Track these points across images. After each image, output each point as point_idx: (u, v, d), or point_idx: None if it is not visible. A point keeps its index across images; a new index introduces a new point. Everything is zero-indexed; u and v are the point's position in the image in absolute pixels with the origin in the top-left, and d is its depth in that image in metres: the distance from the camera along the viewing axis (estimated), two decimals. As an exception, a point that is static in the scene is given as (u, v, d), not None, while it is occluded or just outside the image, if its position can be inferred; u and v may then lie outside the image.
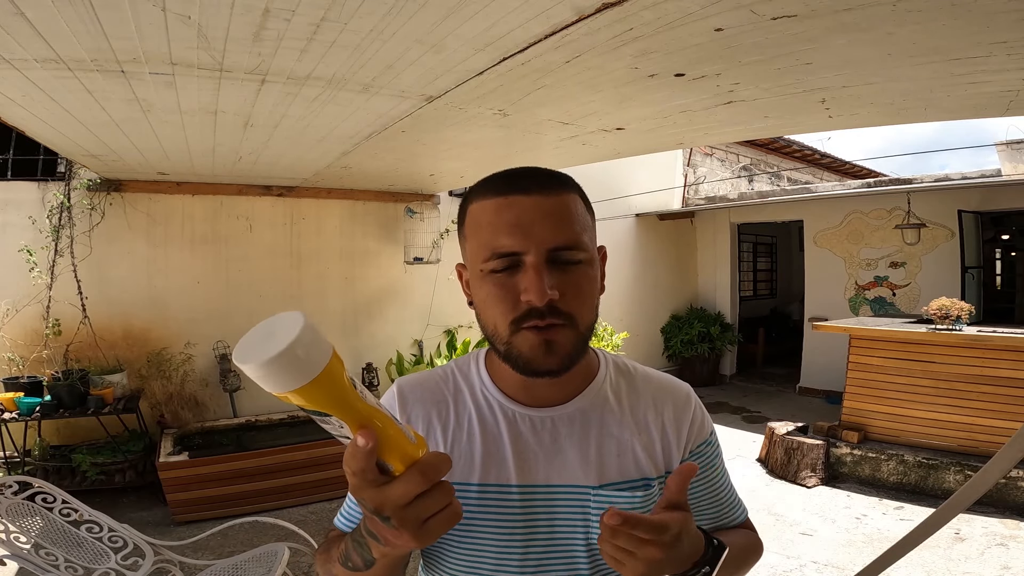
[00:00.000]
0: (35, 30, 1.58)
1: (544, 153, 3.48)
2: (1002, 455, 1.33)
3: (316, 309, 5.05)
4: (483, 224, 0.68)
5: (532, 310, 0.65)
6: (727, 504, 0.84)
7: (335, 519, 0.83)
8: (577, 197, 0.71)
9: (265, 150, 3.30)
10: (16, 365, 3.86)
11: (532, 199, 0.67)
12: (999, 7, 1.46)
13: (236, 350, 0.42)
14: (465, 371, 0.80)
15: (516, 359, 0.68)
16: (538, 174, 0.70)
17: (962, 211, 5.73)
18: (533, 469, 0.72)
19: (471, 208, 0.71)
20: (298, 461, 3.82)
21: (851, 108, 2.50)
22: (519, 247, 0.65)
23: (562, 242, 0.66)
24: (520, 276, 0.66)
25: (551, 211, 0.67)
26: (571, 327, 0.67)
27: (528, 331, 0.66)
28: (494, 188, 0.69)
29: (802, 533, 3.44)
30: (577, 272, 0.68)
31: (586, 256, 0.69)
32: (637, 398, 0.79)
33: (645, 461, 0.75)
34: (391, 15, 1.55)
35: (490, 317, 0.69)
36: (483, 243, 0.68)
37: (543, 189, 0.68)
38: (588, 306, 0.69)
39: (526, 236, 0.65)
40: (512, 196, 0.67)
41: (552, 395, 0.75)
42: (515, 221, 0.66)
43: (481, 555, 0.72)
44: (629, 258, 7.33)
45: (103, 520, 2.23)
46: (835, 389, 5.83)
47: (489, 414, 0.76)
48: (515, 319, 0.66)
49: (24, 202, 4.00)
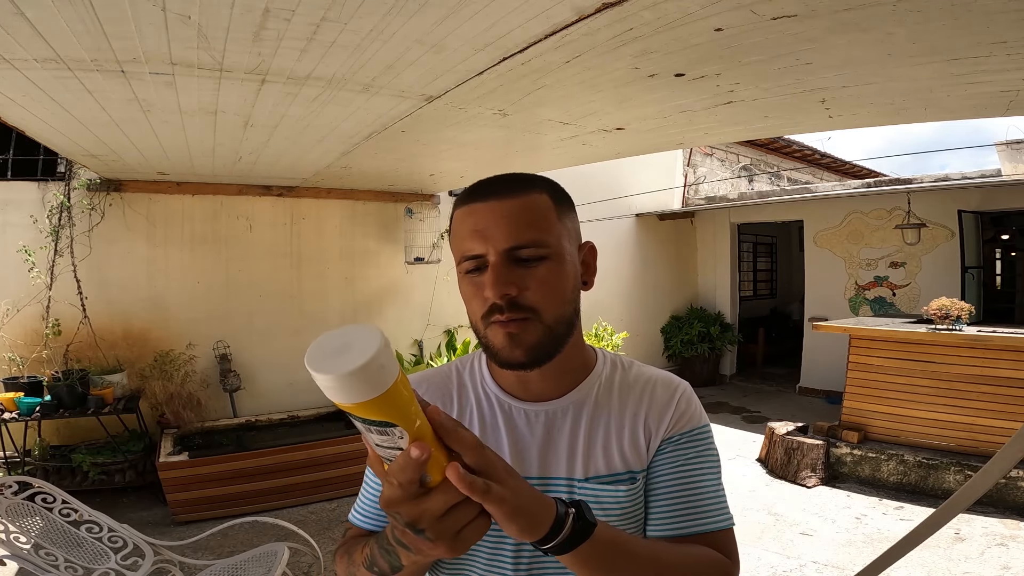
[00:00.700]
0: (35, 30, 1.58)
1: (544, 153, 3.48)
2: (1002, 455, 1.33)
3: (316, 309, 5.05)
4: (455, 231, 0.76)
5: (494, 306, 0.70)
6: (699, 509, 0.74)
7: (350, 515, 0.84)
8: (544, 196, 0.74)
9: (265, 150, 3.30)
10: (16, 365, 3.86)
11: (489, 204, 0.72)
12: (999, 7, 1.47)
13: (309, 358, 0.43)
14: (467, 368, 0.85)
15: (490, 351, 0.74)
16: (502, 180, 0.75)
17: (962, 211, 5.73)
18: (527, 461, 0.76)
19: (453, 217, 0.78)
20: (298, 461, 3.81)
21: (851, 108, 2.50)
22: (480, 249, 0.71)
23: (518, 241, 0.70)
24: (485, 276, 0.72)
25: (507, 214, 0.71)
26: (535, 320, 0.71)
27: (495, 325, 0.71)
28: (463, 197, 0.76)
29: (802, 533, 3.44)
30: (540, 268, 0.71)
31: (549, 252, 0.72)
32: (627, 393, 0.80)
33: (631, 454, 0.76)
34: (391, 15, 1.55)
35: (469, 314, 0.76)
36: (457, 247, 0.75)
37: (501, 194, 0.73)
38: (555, 300, 0.72)
39: (484, 239, 0.71)
40: (473, 204, 0.73)
41: (547, 390, 0.78)
42: (476, 225, 0.72)
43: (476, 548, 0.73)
44: (629, 258, 7.33)
45: (103, 520, 2.23)
46: (835, 389, 5.83)
47: (488, 408, 0.80)
48: (483, 315, 0.72)
49: (24, 202, 4.00)
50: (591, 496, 0.73)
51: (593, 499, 0.73)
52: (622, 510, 0.74)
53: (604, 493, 0.74)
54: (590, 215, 6.16)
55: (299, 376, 4.91)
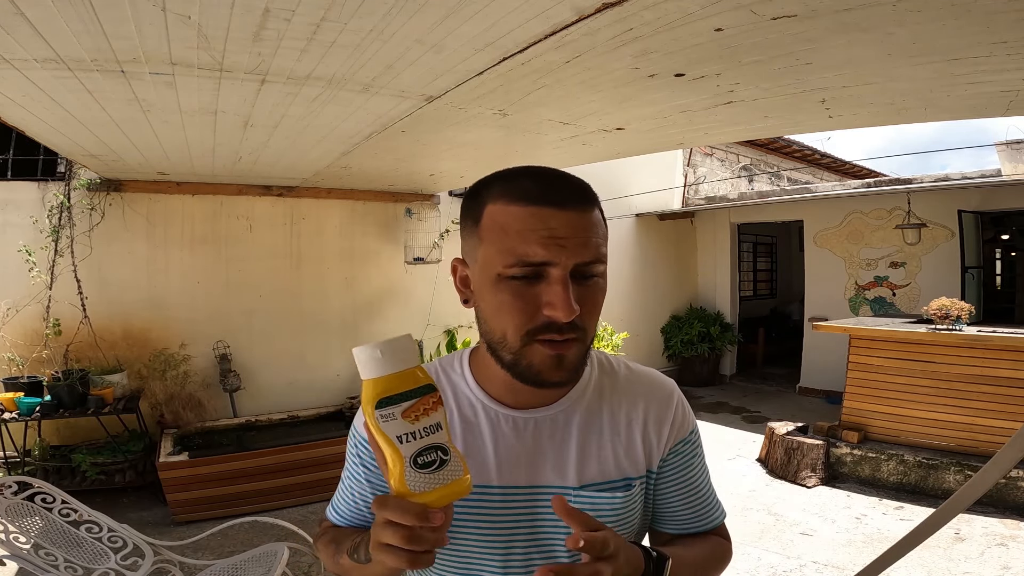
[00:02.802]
0: (35, 30, 1.58)
1: (544, 153, 3.48)
2: (1002, 455, 1.33)
3: (316, 309, 5.05)
4: (510, 230, 0.66)
5: (552, 324, 0.65)
6: (703, 506, 0.82)
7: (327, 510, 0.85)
8: (599, 211, 0.71)
9: (265, 150, 3.30)
10: (16, 365, 3.86)
11: (567, 214, 0.65)
12: (999, 7, 1.46)
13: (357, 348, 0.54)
14: (449, 371, 0.80)
15: (524, 370, 0.67)
16: (571, 186, 0.69)
17: (962, 211, 5.73)
18: (515, 471, 0.73)
19: (491, 209, 0.68)
20: (298, 461, 3.81)
21: (851, 108, 2.50)
22: (551, 258, 0.64)
23: (589, 258, 0.66)
24: (542, 287, 0.65)
25: (583, 227, 0.66)
26: (582, 341, 0.68)
27: (542, 344, 0.65)
28: (524, 194, 0.66)
29: (802, 533, 3.44)
30: (594, 286, 0.68)
31: (604, 269, 0.70)
32: (620, 398, 0.79)
33: (626, 461, 0.75)
34: (391, 15, 1.55)
35: (500, 324, 0.67)
36: (507, 248, 0.65)
37: (578, 204, 0.67)
38: (597, 319, 0.70)
39: (560, 249, 0.64)
40: (547, 208, 0.65)
41: (537, 398, 0.75)
42: (550, 233, 0.64)
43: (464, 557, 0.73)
44: (629, 258, 7.33)
45: (103, 520, 2.23)
46: (835, 389, 5.83)
47: (472, 415, 0.76)
48: (531, 330, 0.65)
49: (24, 202, 4.00)
50: (587, 504, 0.72)
51: (589, 507, 0.72)
52: (617, 516, 0.74)
53: (601, 500, 0.72)
54: (590, 215, 6.16)
55: (299, 376, 4.91)
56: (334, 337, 5.13)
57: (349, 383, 5.13)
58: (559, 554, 0.72)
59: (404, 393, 0.53)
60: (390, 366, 0.53)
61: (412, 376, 0.54)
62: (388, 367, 0.53)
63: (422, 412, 0.53)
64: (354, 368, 3.02)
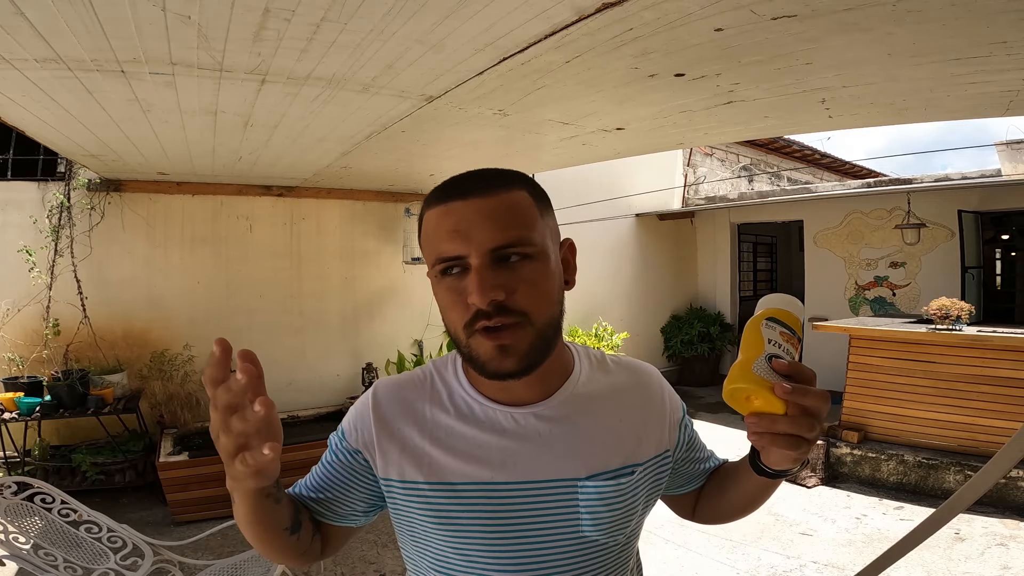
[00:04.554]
0: (35, 30, 1.58)
1: (544, 153, 3.48)
2: (1002, 455, 1.33)
3: (316, 309, 5.05)
4: (429, 232, 0.70)
5: (479, 311, 0.66)
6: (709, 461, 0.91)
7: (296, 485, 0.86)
8: (523, 193, 0.71)
9: (265, 150, 3.30)
10: (16, 365, 3.86)
11: (469, 202, 0.68)
12: (999, 7, 1.47)
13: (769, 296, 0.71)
14: (443, 372, 0.80)
15: (475, 362, 0.69)
16: (479, 176, 0.71)
17: (962, 211, 5.72)
18: (515, 466, 0.72)
19: (424, 218, 0.73)
20: (298, 461, 3.78)
21: (851, 108, 2.50)
22: (461, 251, 0.67)
23: (504, 240, 0.67)
24: (467, 279, 0.67)
25: (490, 212, 0.67)
26: (526, 324, 0.67)
27: (481, 335, 0.67)
28: (437, 196, 0.71)
29: (802, 533, 3.44)
30: (526, 268, 0.68)
31: (535, 251, 0.69)
32: (615, 388, 0.80)
33: (627, 448, 0.76)
34: (391, 15, 1.55)
35: (448, 322, 0.71)
36: (430, 250, 0.70)
37: (481, 191, 0.69)
38: (543, 301, 0.69)
39: (466, 240, 0.66)
40: (451, 202, 0.69)
41: (531, 394, 0.75)
42: (454, 226, 0.67)
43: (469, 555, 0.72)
44: (629, 258, 7.33)
45: (102, 520, 2.23)
46: (835, 389, 5.80)
47: (468, 413, 0.76)
48: (467, 322, 0.67)
49: (24, 202, 4.00)
50: (594, 494, 0.72)
51: (597, 497, 0.72)
52: (623, 502, 0.74)
53: (607, 489, 0.73)
54: (590, 215, 6.16)
55: (299, 376, 4.91)
56: (334, 337, 5.13)
57: (349, 383, 5.13)
58: (569, 546, 0.73)
59: (787, 324, 0.67)
60: (789, 307, 0.68)
61: (797, 321, 0.68)
62: (788, 307, 0.68)
63: (788, 341, 0.66)
64: (353, 368, 3.08)
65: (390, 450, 0.75)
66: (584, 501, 0.72)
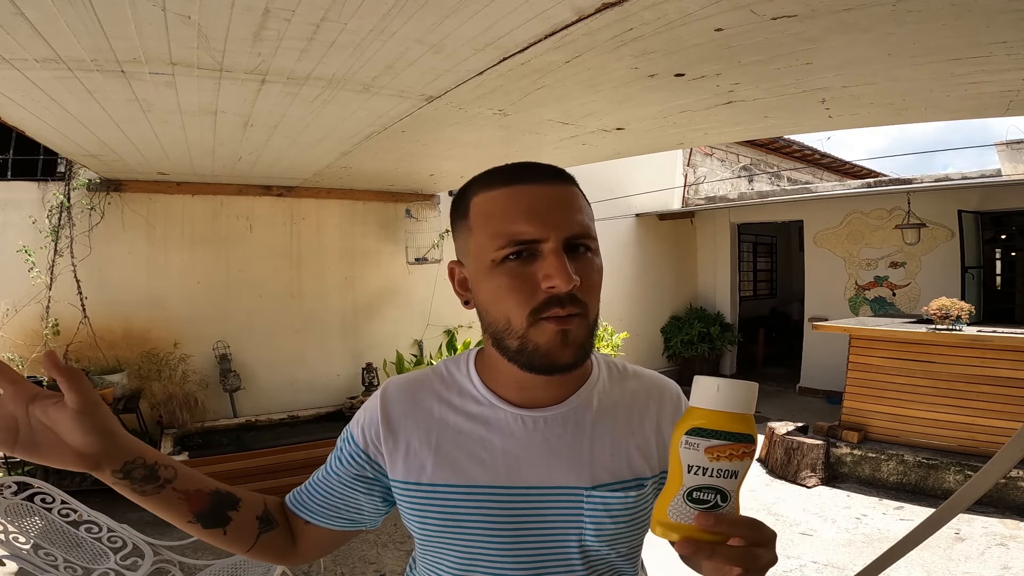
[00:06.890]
0: (35, 30, 1.58)
1: (544, 153, 3.48)
2: (1002, 455, 1.33)
3: (316, 309, 5.05)
4: (494, 213, 0.66)
5: (553, 298, 0.63)
6: None
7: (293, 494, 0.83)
8: (578, 190, 0.71)
9: (265, 150, 3.30)
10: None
11: (543, 188, 0.66)
12: (999, 7, 1.47)
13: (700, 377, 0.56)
14: (455, 371, 0.79)
15: (531, 354, 0.66)
16: (543, 166, 0.70)
17: (962, 211, 5.73)
18: (524, 471, 0.71)
19: (476, 200, 0.69)
20: (298, 461, 3.81)
21: (851, 108, 2.50)
22: (538, 234, 0.64)
23: (579, 230, 0.66)
24: (538, 264, 0.64)
25: (563, 200, 0.66)
26: (585, 317, 0.66)
27: (547, 321, 0.64)
28: (501, 178, 0.68)
29: (802, 533, 3.44)
30: (589, 261, 0.67)
31: (596, 246, 0.69)
32: (631, 398, 0.78)
33: (639, 461, 0.74)
34: (391, 15, 1.55)
35: (502, 310, 0.66)
36: (496, 232, 0.65)
37: (552, 178, 0.68)
38: (597, 297, 0.69)
39: (545, 222, 0.64)
40: (520, 185, 0.66)
41: (546, 397, 0.73)
42: (531, 208, 0.65)
43: (474, 559, 0.72)
44: (629, 258, 7.33)
45: (102, 520, 2.23)
46: (835, 389, 5.83)
47: (479, 415, 0.74)
48: (534, 308, 0.64)
49: (24, 202, 4.00)
50: (600, 504, 0.71)
51: (603, 507, 0.71)
52: (630, 516, 0.73)
53: (613, 500, 0.71)
54: (590, 215, 6.15)
55: (299, 376, 4.91)
56: (334, 337, 5.13)
57: (349, 383, 5.13)
58: (572, 555, 0.72)
59: (719, 432, 0.53)
60: (729, 399, 0.53)
61: (736, 421, 0.54)
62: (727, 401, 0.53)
63: (726, 455, 0.53)
64: (353, 368, 3.07)
65: (398, 450, 0.74)
66: (589, 511, 0.71)
